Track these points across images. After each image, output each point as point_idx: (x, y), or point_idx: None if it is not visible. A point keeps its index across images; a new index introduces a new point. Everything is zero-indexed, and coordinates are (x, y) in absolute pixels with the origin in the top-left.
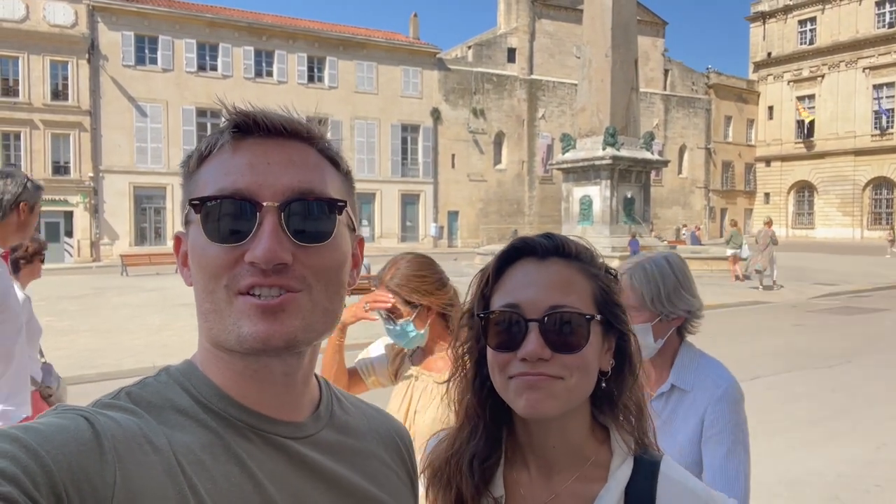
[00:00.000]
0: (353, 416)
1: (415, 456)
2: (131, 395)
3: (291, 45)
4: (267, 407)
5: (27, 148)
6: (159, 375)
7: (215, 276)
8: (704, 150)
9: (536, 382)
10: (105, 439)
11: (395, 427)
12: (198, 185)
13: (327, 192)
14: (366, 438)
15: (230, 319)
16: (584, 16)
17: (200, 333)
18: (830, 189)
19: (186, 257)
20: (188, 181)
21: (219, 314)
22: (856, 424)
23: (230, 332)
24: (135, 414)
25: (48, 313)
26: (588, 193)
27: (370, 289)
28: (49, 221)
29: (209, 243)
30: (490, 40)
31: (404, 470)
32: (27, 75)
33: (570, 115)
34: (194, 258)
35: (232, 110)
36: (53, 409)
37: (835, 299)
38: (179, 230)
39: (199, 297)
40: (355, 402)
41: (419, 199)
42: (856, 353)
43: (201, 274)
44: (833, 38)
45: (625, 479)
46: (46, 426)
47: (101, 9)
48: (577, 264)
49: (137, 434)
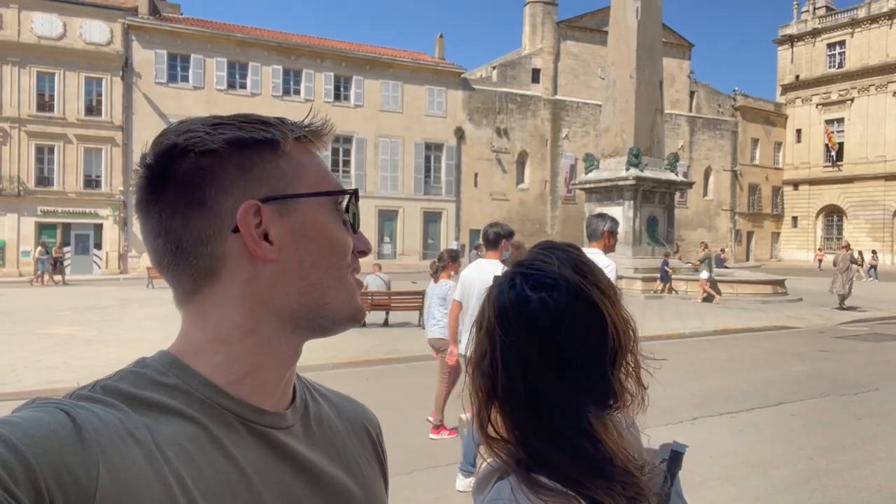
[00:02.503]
0: (325, 406)
1: (383, 440)
2: (106, 388)
3: (319, 64)
4: (258, 397)
5: (60, 161)
6: (135, 365)
7: (346, 255)
8: (731, 172)
9: None
10: (86, 432)
11: (365, 414)
12: (308, 170)
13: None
14: (338, 428)
15: (347, 294)
16: (609, 37)
17: (253, 314)
18: (860, 214)
19: (266, 233)
20: (279, 158)
21: (341, 289)
22: (880, 453)
23: (344, 306)
24: (113, 406)
25: (74, 323)
26: (611, 214)
27: (389, 305)
28: (79, 234)
29: (340, 227)
30: (515, 61)
31: (375, 457)
32: (62, 91)
33: (593, 136)
34: (322, 237)
35: (300, 122)
36: (31, 403)
37: (863, 325)
38: (256, 201)
39: (314, 273)
40: (325, 392)
41: (441, 217)
42: (883, 381)
43: (334, 251)
44: (863, 61)
45: None
46: (25, 420)
47: (136, 27)
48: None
49: (118, 426)
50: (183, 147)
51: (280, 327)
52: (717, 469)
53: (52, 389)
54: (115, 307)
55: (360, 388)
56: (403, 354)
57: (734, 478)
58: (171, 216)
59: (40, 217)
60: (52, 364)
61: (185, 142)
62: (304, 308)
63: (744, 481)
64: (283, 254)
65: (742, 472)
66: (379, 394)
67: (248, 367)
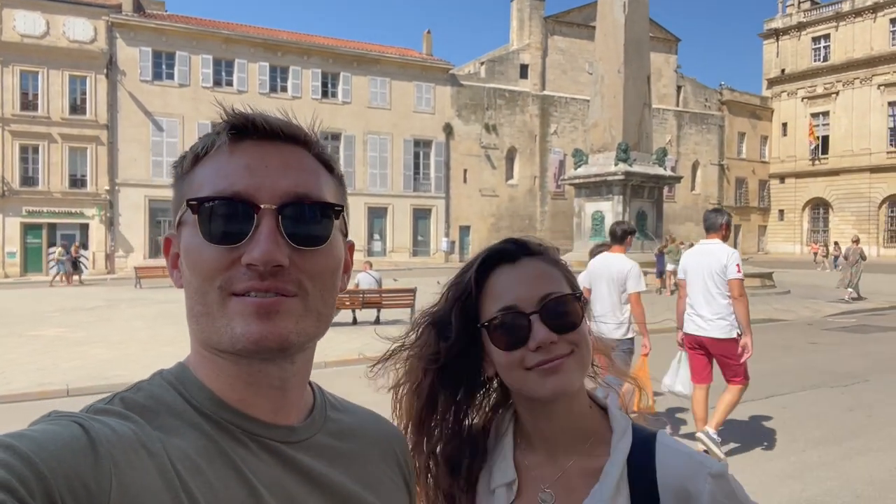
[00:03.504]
0: (348, 420)
1: (411, 460)
2: (125, 401)
3: (306, 60)
4: (261, 411)
5: (45, 161)
6: (153, 379)
7: (209, 278)
8: (718, 166)
9: (556, 367)
10: (100, 445)
11: (392, 432)
12: (192, 186)
13: (324, 197)
14: (360, 443)
15: (223, 321)
16: (597, 32)
17: (192, 336)
18: (846, 206)
19: (177, 259)
20: (181, 182)
21: (210, 317)
22: (873, 444)
23: (222, 334)
24: (129, 419)
25: (62, 324)
26: (600, 209)
27: (380, 303)
28: (65, 234)
29: (205, 244)
30: (502, 56)
31: (400, 475)
32: (46, 89)
33: (582, 131)
34: (188, 259)
35: (231, 112)
36: (47, 416)
37: (851, 317)
38: (170, 232)
39: (190, 298)
40: (350, 407)
41: (431, 214)
42: (872, 372)
43: (195, 275)
44: (847, 54)
45: (626, 450)
46: (40, 433)
47: (120, 25)
48: (542, 257)
49: (132, 439)
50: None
51: (211, 352)
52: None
53: (42, 392)
54: (103, 308)
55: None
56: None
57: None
58: None
59: (25, 217)
60: (41, 366)
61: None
62: (201, 335)
63: (737, 474)
64: (184, 280)
65: (735, 466)
66: (372, 392)
67: (240, 383)
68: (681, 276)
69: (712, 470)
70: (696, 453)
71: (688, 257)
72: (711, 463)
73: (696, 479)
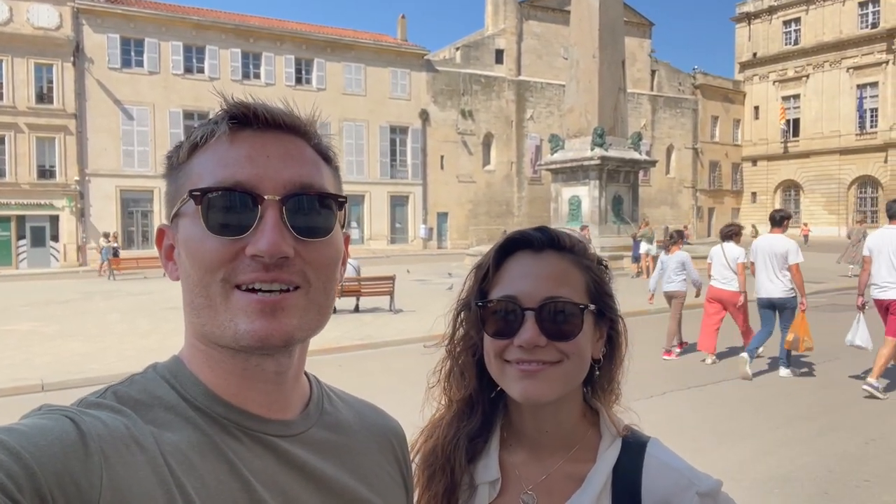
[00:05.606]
0: (345, 413)
1: (409, 454)
2: (118, 394)
3: (279, 46)
4: (256, 405)
5: (12, 152)
6: (146, 372)
7: (212, 269)
8: (692, 150)
9: (533, 372)
10: (90, 440)
11: (390, 425)
12: (191, 177)
13: (325, 188)
14: (357, 436)
15: (226, 315)
16: (572, 17)
17: (188, 329)
18: (816, 188)
19: (172, 251)
20: (177, 172)
21: (213, 309)
22: (845, 420)
23: (226, 329)
24: (121, 413)
25: (35, 318)
26: (577, 194)
27: (359, 291)
28: (34, 226)
29: (208, 235)
30: (478, 42)
31: (397, 468)
32: (11, 78)
33: (558, 116)
34: (189, 250)
35: (231, 101)
36: (37, 410)
37: (821, 297)
38: (164, 223)
39: (190, 291)
40: (349, 399)
41: (408, 201)
42: (843, 350)
43: (196, 267)
44: (817, 38)
45: (612, 459)
46: (30, 427)
47: (86, 11)
48: (571, 256)
49: (124, 433)
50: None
51: (208, 346)
52: (687, 441)
53: (16, 388)
54: (78, 300)
55: (333, 375)
56: (375, 340)
57: (704, 449)
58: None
59: None
60: (14, 362)
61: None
62: (201, 328)
63: (713, 452)
64: (181, 272)
65: (711, 444)
66: (353, 379)
67: (235, 377)
68: (866, 254)
69: (701, 488)
70: (688, 468)
71: (872, 238)
72: (702, 480)
73: (683, 497)
